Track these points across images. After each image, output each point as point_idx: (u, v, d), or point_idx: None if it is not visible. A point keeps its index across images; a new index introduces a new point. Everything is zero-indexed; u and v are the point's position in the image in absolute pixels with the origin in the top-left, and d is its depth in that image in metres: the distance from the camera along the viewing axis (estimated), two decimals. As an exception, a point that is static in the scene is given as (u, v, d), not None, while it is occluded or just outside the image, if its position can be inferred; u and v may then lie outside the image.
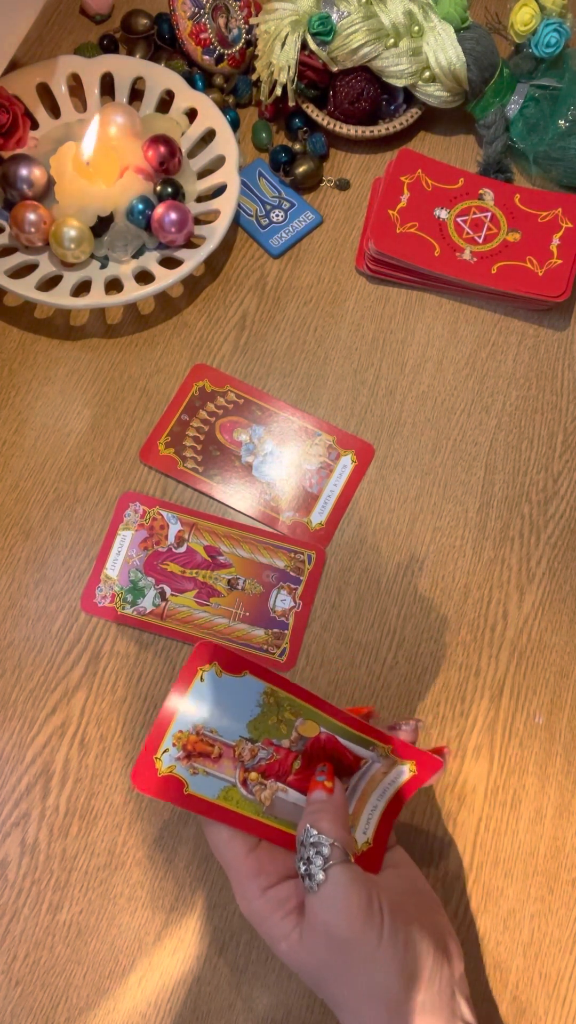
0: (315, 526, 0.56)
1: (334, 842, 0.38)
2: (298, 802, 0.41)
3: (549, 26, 0.62)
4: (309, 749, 0.42)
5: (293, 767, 0.42)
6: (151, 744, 0.41)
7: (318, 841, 0.38)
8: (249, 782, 0.41)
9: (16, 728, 0.50)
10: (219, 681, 0.41)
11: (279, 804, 0.41)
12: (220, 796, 0.41)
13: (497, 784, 0.50)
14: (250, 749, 0.41)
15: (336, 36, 0.61)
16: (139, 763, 0.41)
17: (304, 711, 0.42)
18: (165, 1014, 0.45)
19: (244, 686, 0.42)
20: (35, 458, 0.57)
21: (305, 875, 0.38)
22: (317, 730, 0.42)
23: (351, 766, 0.42)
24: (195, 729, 0.41)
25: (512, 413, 0.59)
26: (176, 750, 0.41)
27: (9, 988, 0.46)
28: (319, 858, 0.37)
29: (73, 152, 0.59)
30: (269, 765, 0.41)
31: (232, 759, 0.41)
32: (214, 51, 0.66)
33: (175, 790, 0.40)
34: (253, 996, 0.46)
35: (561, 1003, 0.46)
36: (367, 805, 0.42)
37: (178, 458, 0.57)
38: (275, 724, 0.42)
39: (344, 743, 0.42)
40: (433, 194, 0.63)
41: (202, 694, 0.41)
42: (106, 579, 0.53)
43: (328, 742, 0.42)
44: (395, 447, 0.58)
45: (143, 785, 0.40)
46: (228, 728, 0.41)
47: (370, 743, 0.42)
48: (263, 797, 0.41)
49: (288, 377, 0.60)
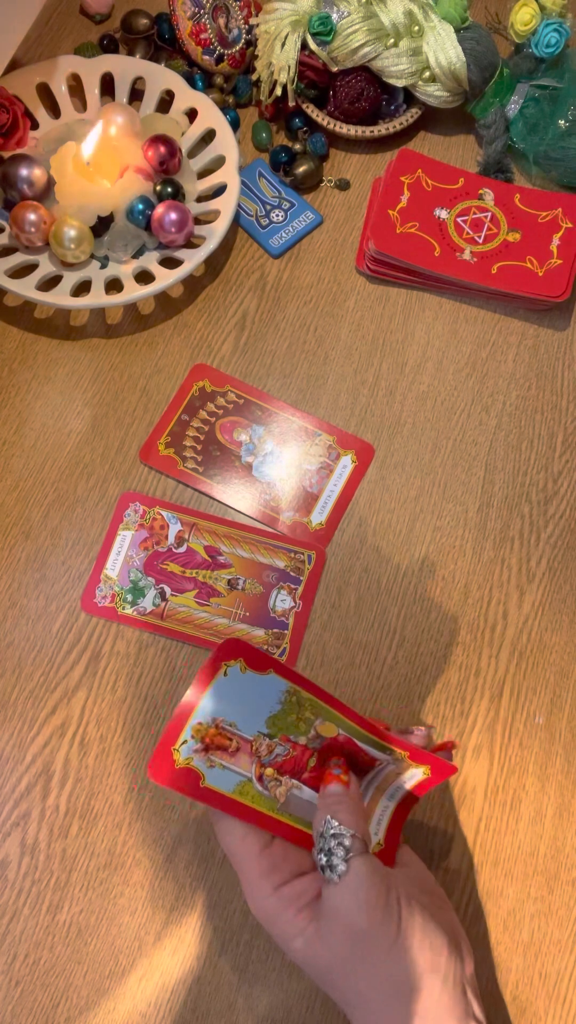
0: (315, 526, 0.56)
1: (355, 833, 0.38)
2: (312, 800, 0.41)
3: (549, 26, 0.62)
4: (325, 748, 0.42)
5: (308, 764, 0.42)
6: (170, 735, 0.40)
7: (339, 832, 0.38)
8: (265, 778, 0.41)
9: (16, 728, 0.50)
10: (242, 677, 0.41)
11: (293, 801, 0.41)
12: (236, 791, 0.40)
13: (497, 784, 0.50)
14: (267, 744, 0.41)
15: (336, 36, 0.61)
16: (157, 754, 0.40)
17: (325, 713, 0.42)
18: (165, 1014, 0.45)
19: (267, 683, 0.41)
20: (35, 458, 0.57)
21: (326, 866, 0.38)
22: (336, 731, 0.42)
23: (366, 766, 0.42)
24: (214, 722, 0.41)
25: (512, 413, 0.59)
26: (194, 742, 0.40)
27: (9, 988, 0.46)
28: (341, 849, 0.37)
29: (73, 152, 0.59)
30: (285, 761, 0.41)
31: (249, 754, 0.41)
32: (214, 51, 0.66)
33: (192, 782, 0.40)
34: (253, 996, 0.46)
35: (561, 1003, 0.46)
36: (378, 806, 0.42)
37: (178, 458, 0.57)
38: (294, 721, 0.42)
39: (361, 745, 0.42)
40: (433, 194, 0.63)
41: (224, 688, 0.41)
42: (106, 579, 0.53)
43: (345, 743, 0.42)
44: (395, 447, 0.58)
45: (160, 776, 0.40)
46: (247, 722, 0.41)
47: (387, 749, 0.42)
48: (278, 793, 0.41)
49: (288, 377, 0.60)
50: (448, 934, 0.38)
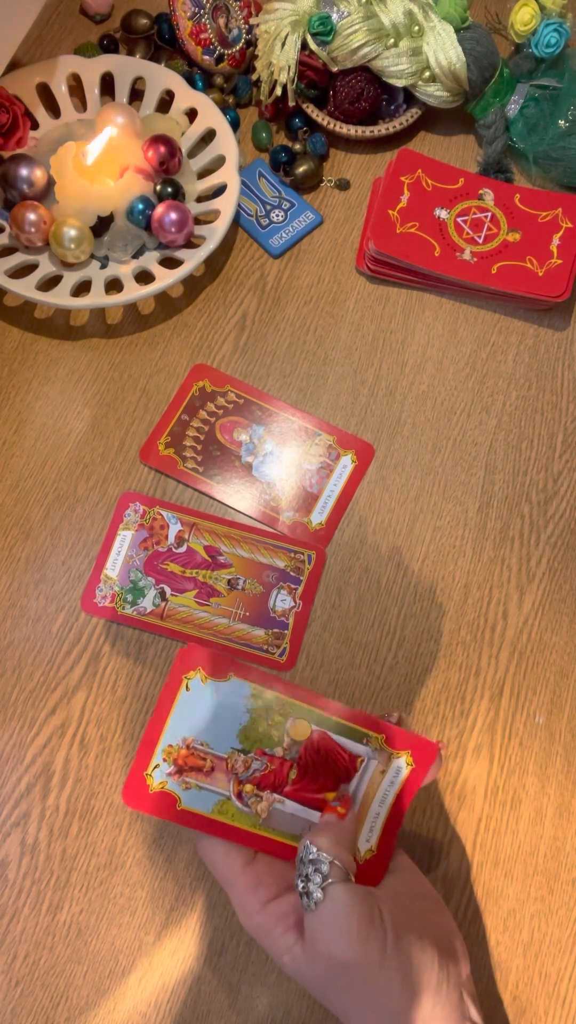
0: (315, 526, 0.56)
1: (333, 860, 0.37)
2: (296, 813, 0.41)
3: (549, 26, 0.62)
4: (304, 757, 0.41)
5: (289, 777, 0.41)
6: (141, 760, 0.40)
7: (317, 859, 0.37)
8: (244, 795, 0.41)
9: (16, 728, 0.50)
10: (204, 689, 0.41)
11: (276, 816, 0.41)
12: (215, 810, 0.40)
13: (497, 784, 0.50)
14: (243, 761, 0.41)
15: (336, 36, 0.61)
16: (130, 780, 0.40)
17: (292, 709, 0.41)
18: (165, 1014, 0.45)
19: (230, 691, 0.41)
20: (35, 458, 0.57)
21: (303, 893, 0.37)
22: (308, 730, 0.42)
23: (347, 770, 0.42)
24: (185, 743, 0.41)
25: (512, 413, 0.59)
26: (167, 765, 0.40)
27: (9, 988, 0.46)
28: (317, 875, 0.37)
29: (73, 152, 0.59)
30: (264, 776, 0.41)
31: (225, 772, 0.41)
32: (214, 51, 0.66)
33: (168, 806, 0.40)
34: (253, 996, 0.46)
35: (561, 1003, 0.46)
36: (369, 812, 0.42)
37: (178, 458, 0.57)
38: (266, 731, 0.41)
39: (337, 739, 0.42)
40: (433, 194, 0.63)
41: (189, 705, 0.41)
42: (106, 579, 0.53)
43: (321, 743, 0.41)
44: (395, 447, 0.58)
45: (134, 802, 0.40)
46: (219, 740, 0.41)
47: (362, 734, 0.42)
48: (259, 809, 0.41)
49: (288, 377, 0.60)
50: (440, 941, 0.38)
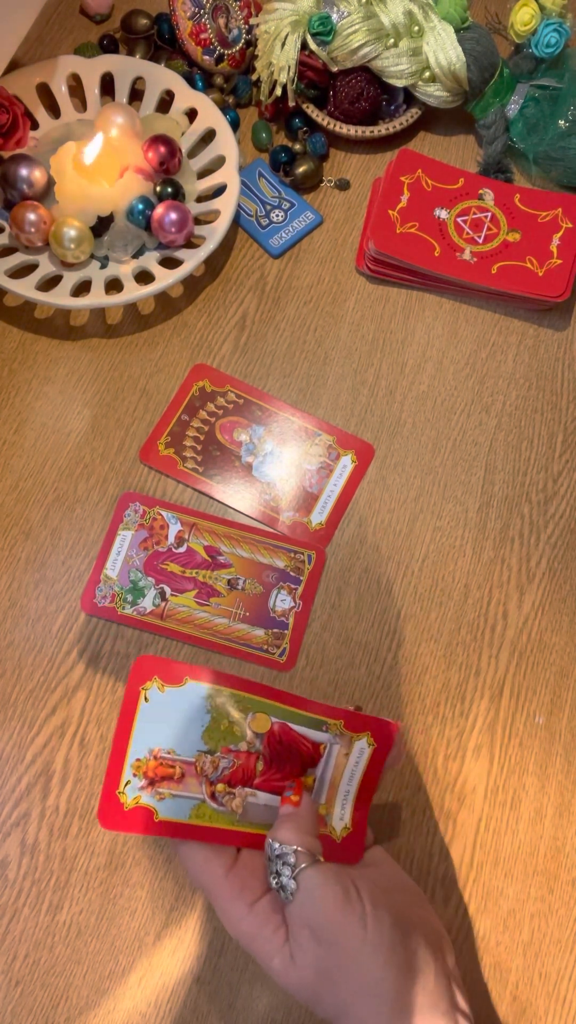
0: (315, 526, 0.56)
1: (297, 848, 0.38)
2: (269, 803, 0.41)
3: (549, 26, 0.62)
4: (268, 747, 0.42)
5: (257, 769, 0.42)
6: (111, 780, 0.40)
7: (282, 852, 0.38)
8: (217, 794, 0.41)
9: (16, 728, 0.50)
10: (163, 697, 0.41)
11: (251, 809, 0.41)
12: (192, 815, 0.40)
13: (497, 784, 0.50)
14: (211, 761, 0.41)
15: (336, 36, 0.61)
16: (103, 802, 0.40)
17: (251, 704, 0.42)
18: (165, 1014, 0.45)
19: (188, 695, 0.41)
20: (35, 458, 0.57)
21: (278, 888, 0.37)
22: (268, 722, 0.42)
23: (312, 756, 0.42)
24: (152, 754, 0.41)
25: (512, 413, 0.59)
26: (138, 780, 0.40)
27: (9, 988, 0.46)
28: (287, 868, 0.37)
29: (73, 152, 0.59)
30: (233, 773, 0.41)
31: (195, 776, 0.41)
32: (214, 51, 0.66)
33: (145, 820, 0.40)
34: (253, 996, 0.46)
35: (561, 1003, 0.46)
36: (339, 792, 0.42)
37: (178, 458, 0.57)
38: (228, 728, 0.42)
39: (296, 729, 0.42)
40: (433, 194, 0.63)
41: (150, 715, 0.41)
42: (106, 579, 0.53)
43: (283, 733, 0.42)
44: (395, 447, 0.58)
45: (111, 823, 0.40)
46: (184, 745, 0.41)
47: (321, 722, 0.42)
48: (234, 806, 0.41)
49: (288, 377, 0.60)
50: (424, 928, 0.38)
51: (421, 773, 0.50)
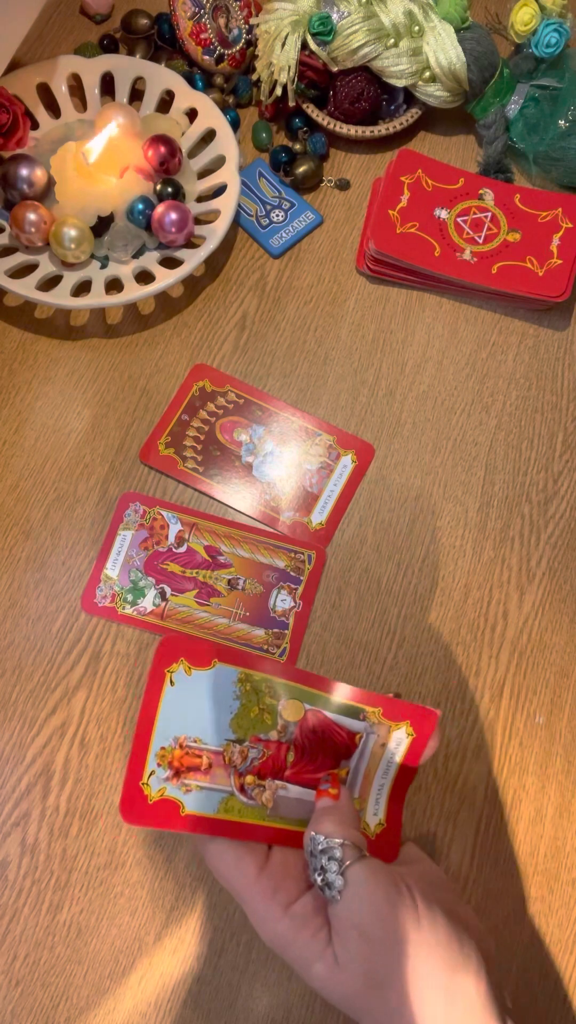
0: (315, 526, 0.56)
1: (344, 842, 0.35)
2: (301, 797, 0.39)
3: (549, 26, 0.62)
4: (300, 738, 0.39)
5: (288, 761, 0.39)
6: (134, 770, 0.37)
7: (328, 846, 0.35)
8: (247, 787, 0.38)
9: (16, 728, 0.50)
10: (190, 681, 0.38)
11: (282, 803, 0.39)
12: (220, 809, 0.38)
13: (497, 784, 0.50)
14: (240, 751, 0.39)
15: (336, 36, 0.61)
16: (126, 794, 0.37)
17: (284, 690, 0.39)
18: (165, 1014, 0.45)
19: (217, 679, 0.39)
20: (35, 458, 0.57)
21: (324, 885, 0.35)
22: (302, 710, 0.39)
23: (347, 746, 0.40)
24: (178, 742, 0.38)
25: (512, 413, 0.59)
26: (163, 770, 0.37)
27: (9, 988, 0.46)
28: (333, 863, 0.35)
29: (73, 152, 0.59)
30: (263, 764, 0.39)
31: (224, 766, 0.38)
32: (214, 51, 0.66)
33: (171, 814, 0.37)
34: (253, 996, 0.46)
35: (561, 1003, 0.46)
36: (373, 785, 0.40)
37: (178, 458, 0.57)
38: (258, 716, 0.39)
39: (332, 717, 0.40)
40: (433, 194, 0.63)
41: (176, 700, 0.38)
42: (106, 579, 0.53)
43: (317, 724, 0.40)
44: (395, 447, 0.58)
45: (135, 817, 0.37)
46: (212, 732, 0.38)
47: (357, 710, 0.40)
48: (264, 799, 0.38)
49: (288, 377, 0.60)
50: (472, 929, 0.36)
51: (421, 773, 0.50)
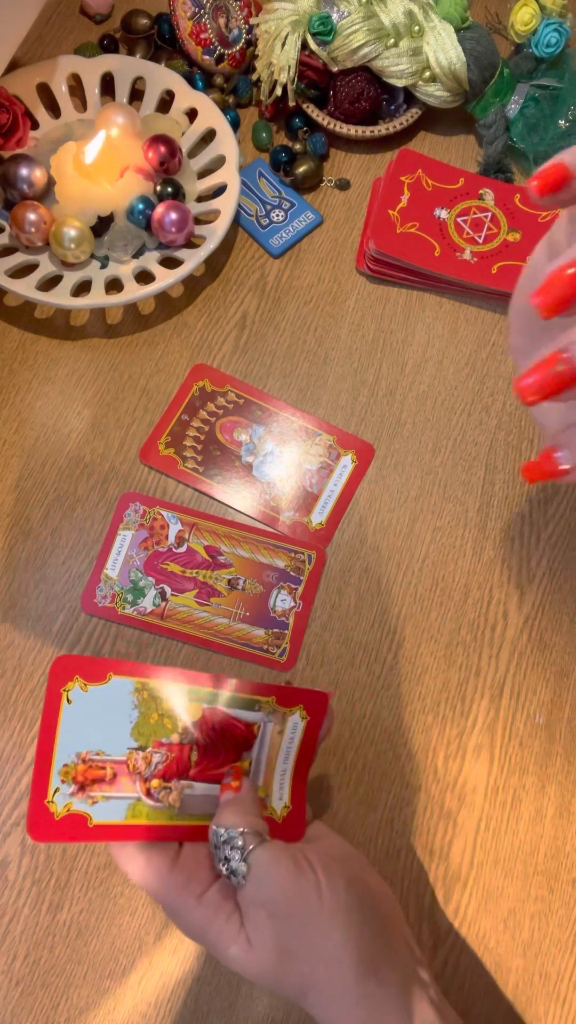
0: (315, 526, 0.56)
1: (244, 830, 0.37)
2: (207, 793, 0.40)
3: (549, 26, 0.62)
4: (201, 737, 0.41)
5: (192, 760, 0.40)
6: (38, 789, 0.38)
7: (229, 836, 0.37)
8: (153, 791, 0.39)
9: (16, 728, 0.50)
10: (87, 697, 0.39)
11: (189, 801, 0.40)
12: (128, 815, 0.39)
13: (497, 784, 0.50)
14: (143, 757, 0.40)
15: (336, 36, 0.61)
16: (31, 813, 0.38)
17: (179, 692, 0.40)
18: (165, 1014, 0.45)
19: (113, 691, 0.40)
20: (35, 458, 0.57)
21: (229, 873, 0.37)
22: (199, 710, 0.40)
23: (247, 738, 0.41)
24: (80, 757, 0.39)
25: (512, 413, 0.59)
26: (67, 786, 0.38)
27: (9, 988, 0.46)
28: (236, 852, 0.37)
29: (73, 152, 0.59)
30: (167, 766, 0.40)
31: (128, 774, 0.39)
32: (214, 51, 0.66)
33: (79, 827, 0.38)
34: (253, 996, 0.46)
35: (561, 1003, 0.46)
36: (276, 771, 0.42)
37: (178, 458, 0.57)
38: (158, 721, 0.40)
39: (229, 712, 0.41)
40: (433, 194, 0.63)
41: (74, 717, 0.39)
42: (106, 579, 0.53)
43: (216, 721, 0.41)
44: (395, 447, 0.58)
45: (42, 834, 0.38)
46: (113, 744, 0.39)
47: (253, 701, 0.41)
48: (171, 800, 0.40)
49: (288, 377, 0.60)
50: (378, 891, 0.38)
51: (421, 773, 0.50)
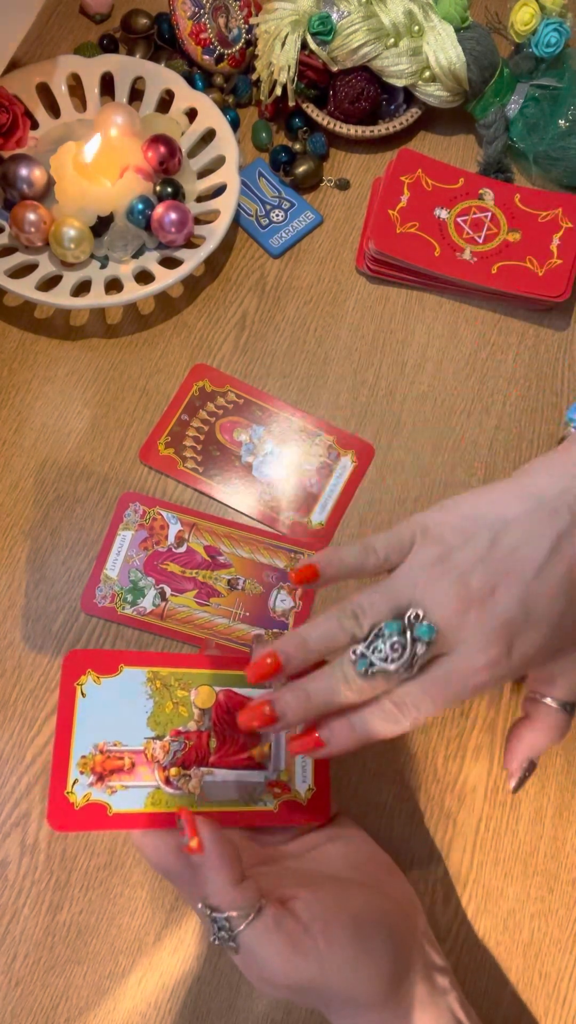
0: (315, 526, 0.56)
1: (226, 916, 0.35)
2: (228, 779, 0.40)
3: (549, 26, 0.62)
4: (217, 720, 0.41)
5: (211, 747, 0.41)
6: (57, 781, 0.39)
7: (213, 918, 0.36)
8: (172, 779, 0.40)
9: (16, 728, 0.50)
10: (100, 689, 0.40)
11: (210, 788, 0.40)
12: (147, 803, 0.39)
13: (497, 784, 0.50)
14: (161, 746, 0.40)
15: (336, 36, 0.61)
16: (51, 804, 0.38)
17: (190, 678, 0.41)
18: (165, 1014, 0.45)
19: (127, 683, 0.40)
20: (35, 458, 0.57)
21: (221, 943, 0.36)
22: (212, 695, 0.41)
23: None
24: (98, 749, 0.39)
25: (512, 413, 0.59)
26: (86, 776, 0.39)
27: (9, 988, 0.46)
28: (223, 932, 0.35)
29: (73, 152, 0.59)
30: (186, 754, 0.40)
31: (147, 763, 0.40)
32: (214, 51, 0.66)
33: (99, 816, 0.39)
34: (253, 996, 0.46)
35: (561, 1003, 0.46)
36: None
37: (178, 458, 0.57)
38: (174, 710, 0.40)
39: (243, 693, 0.41)
40: (433, 194, 0.63)
41: (90, 710, 0.39)
42: (106, 579, 0.53)
43: (229, 701, 0.41)
44: (395, 447, 0.58)
45: (63, 824, 0.38)
46: (130, 734, 0.40)
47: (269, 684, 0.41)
48: (191, 787, 0.40)
49: (288, 377, 0.60)
50: (390, 907, 0.38)
51: (421, 773, 0.50)
